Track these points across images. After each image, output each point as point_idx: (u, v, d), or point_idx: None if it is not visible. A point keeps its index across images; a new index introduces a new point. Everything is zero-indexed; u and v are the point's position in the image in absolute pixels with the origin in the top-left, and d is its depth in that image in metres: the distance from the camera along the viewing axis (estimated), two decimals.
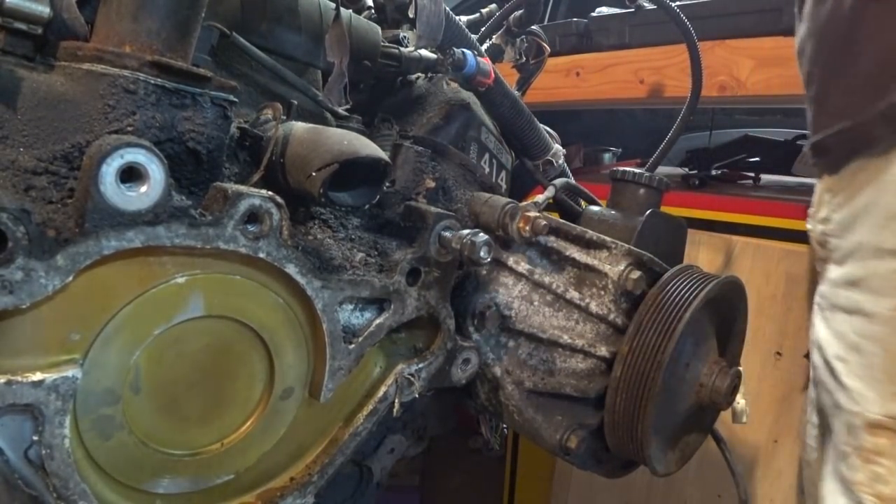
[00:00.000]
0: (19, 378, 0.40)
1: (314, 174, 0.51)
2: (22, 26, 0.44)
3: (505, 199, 0.67)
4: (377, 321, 0.58)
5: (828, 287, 0.71)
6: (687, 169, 1.59)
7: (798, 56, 0.74)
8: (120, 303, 0.45)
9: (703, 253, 1.28)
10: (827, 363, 0.69)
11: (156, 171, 0.41)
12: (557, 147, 0.93)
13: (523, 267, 0.68)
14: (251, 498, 0.57)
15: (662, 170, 1.08)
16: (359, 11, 0.77)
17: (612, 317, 0.64)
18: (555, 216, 0.73)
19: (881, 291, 0.63)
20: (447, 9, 0.71)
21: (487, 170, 0.83)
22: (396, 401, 0.62)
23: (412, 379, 0.62)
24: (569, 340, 0.65)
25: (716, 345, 0.69)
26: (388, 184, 0.60)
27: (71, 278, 0.40)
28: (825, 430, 0.73)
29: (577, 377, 0.65)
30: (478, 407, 0.72)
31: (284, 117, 0.58)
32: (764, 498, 1.17)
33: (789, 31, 1.20)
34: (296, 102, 0.65)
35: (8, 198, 0.40)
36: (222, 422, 0.53)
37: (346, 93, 0.67)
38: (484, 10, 1.09)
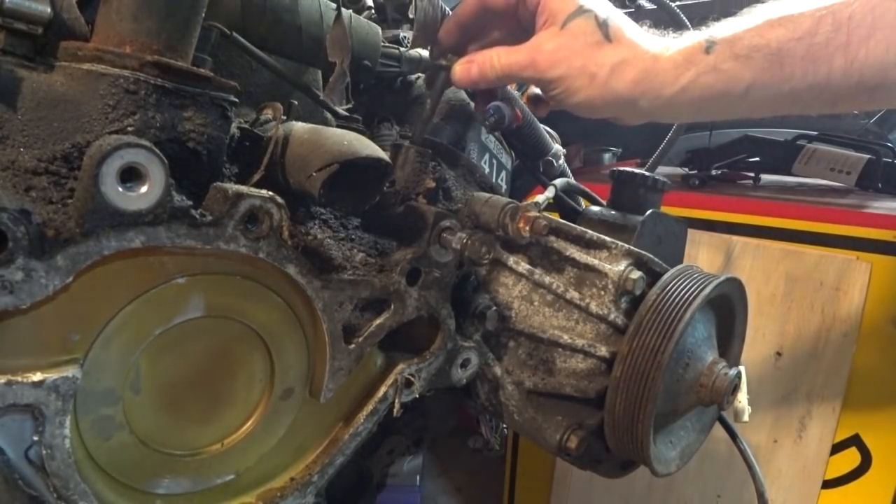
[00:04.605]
0: (20, 378, 0.40)
1: (314, 174, 0.51)
2: (22, 26, 0.44)
3: (505, 199, 0.67)
4: (377, 321, 0.58)
5: None
6: (687, 169, 1.59)
7: None
8: (120, 303, 0.45)
9: (703, 253, 1.28)
10: None
11: (156, 172, 0.41)
12: (557, 147, 0.93)
13: (523, 267, 0.68)
14: (251, 498, 0.58)
15: (662, 170, 1.08)
16: (359, 11, 0.77)
17: (612, 317, 0.64)
18: (555, 216, 0.73)
19: None
20: (447, 9, 0.71)
21: (487, 170, 0.83)
22: (396, 401, 0.62)
23: (412, 379, 0.62)
24: (569, 340, 0.65)
25: (716, 345, 0.69)
26: (388, 184, 0.60)
27: (71, 278, 0.40)
28: None
29: (577, 377, 0.65)
30: (478, 407, 0.72)
31: (284, 117, 0.58)
32: None
33: None
34: (296, 102, 0.65)
35: (8, 198, 0.40)
36: (223, 422, 0.54)
37: (348, 93, 0.67)
38: None
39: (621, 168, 0.80)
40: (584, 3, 0.61)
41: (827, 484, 1.17)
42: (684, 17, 0.99)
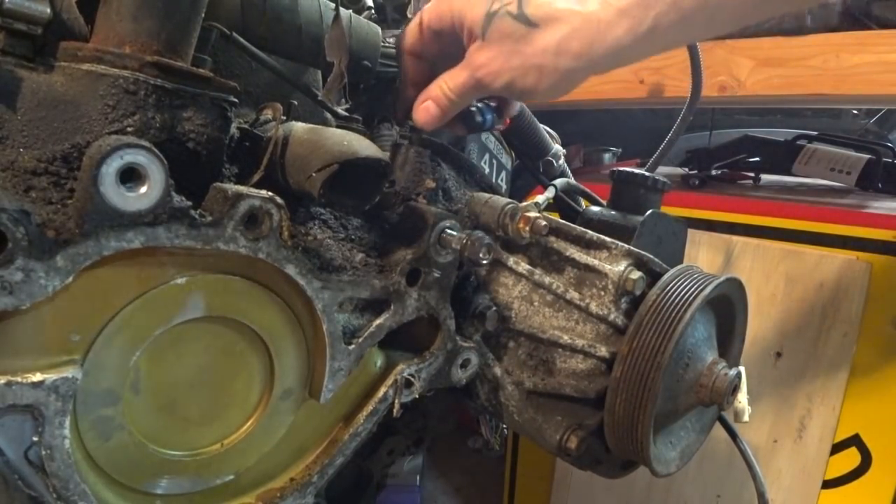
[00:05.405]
0: (19, 379, 0.40)
1: (314, 175, 0.51)
2: (22, 26, 0.44)
3: (505, 200, 0.67)
4: (377, 322, 0.58)
5: None
6: (687, 169, 1.59)
7: None
8: (120, 303, 0.45)
9: (703, 253, 1.28)
10: None
11: (156, 172, 0.41)
12: (557, 147, 0.93)
13: (523, 267, 0.68)
14: (251, 498, 0.58)
15: (662, 170, 1.08)
16: (359, 12, 0.77)
17: (612, 317, 0.64)
18: (555, 216, 0.73)
19: None
20: None
21: (487, 170, 0.83)
22: (396, 401, 0.62)
23: (412, 379, 0.62)
24: (569, 341, 0.65)
25: (716, 345, 0.69)
26: (388, 184, 0.60)
27: (71, 279, 0.40)
28: None
29: (577, 377, 0.65)
30: (478, 407, 0.72)
31: (284, 117, 0.58)
32: None
33: (789, 32, 1.21)
34: (295, 102, 0.65)
35: (8, 198, 0.40)
36: (222, 422, 0.54)
37: (346, 93, 0.67)
38: None
39: (621, 168, 0.80)
40: (491, 6, 0.57)
41: (827, 484, 1.17)
42: None
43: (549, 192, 0.82)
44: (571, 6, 0.56)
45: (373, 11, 0.85)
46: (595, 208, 0.81)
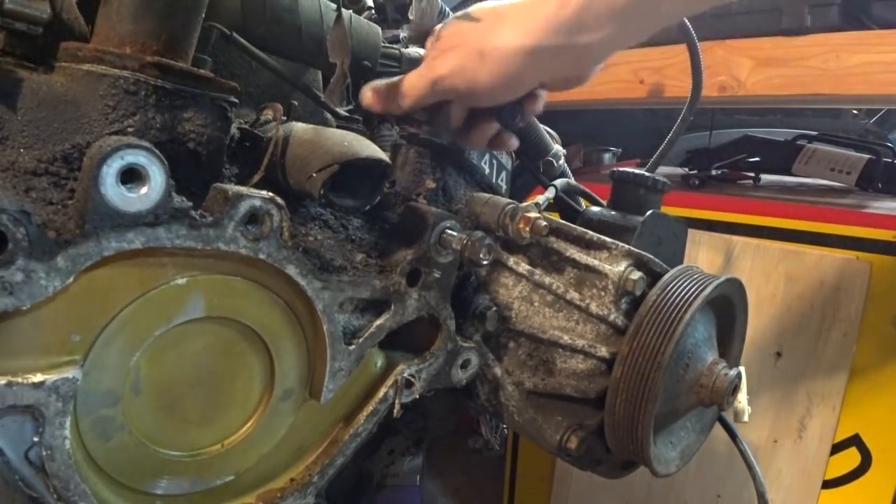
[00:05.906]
0: (20, 379, 0.40)
1: (314, 175, 0.51)
2: (22, 27, 0.44)
3: (505, 200, 0.67)
4: (377, 322, 0.58)
5: None
6: (687, 169, 1.59)
7: None
8: (120, 304, 0.45)
9: (703, 253, 1.28)
10: None
11: (156, 173, 0.41)
12: (557, 147, 0.93)
13: (523, 267, 0.68)
14: (251, 498, 0.58)
15: (662, 170, 1.08)
16: (359, 12, 0.77)
17: (612, 317, 0.64)
18: (555, 216, 0.73)
19: None
20: (448, 9, 0.71)
21: (487, 170, 0.83)
22: (396, 401, 0.62)
23: (412, 380, 0.62)
24: (569, 341, 0.65)
25: (716, 345, 0.69)
26: (388, 184, 0.60)
27: (71, 279, 0.40)
28: None
29: (578, 378, 0.65)
30: (478, 407, 0.72)
31: (284, 118, 0.58)
32: None
33: (789, 32, 1.21)
34: (296, 103, 0.65)
35: (8, 199, 0.40)
36: (223, 423, 0.54)
37: (348, 94, 0.67)
38: None
39: (621, 168, 0.80)
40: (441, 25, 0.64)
41: (827, 484, 1.17)
42: (684, 17, 0.99)
43: (550, 193, 0.82)
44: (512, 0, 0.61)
45: (373, 11, 0.85)
46: (595, 208, 0.81)
